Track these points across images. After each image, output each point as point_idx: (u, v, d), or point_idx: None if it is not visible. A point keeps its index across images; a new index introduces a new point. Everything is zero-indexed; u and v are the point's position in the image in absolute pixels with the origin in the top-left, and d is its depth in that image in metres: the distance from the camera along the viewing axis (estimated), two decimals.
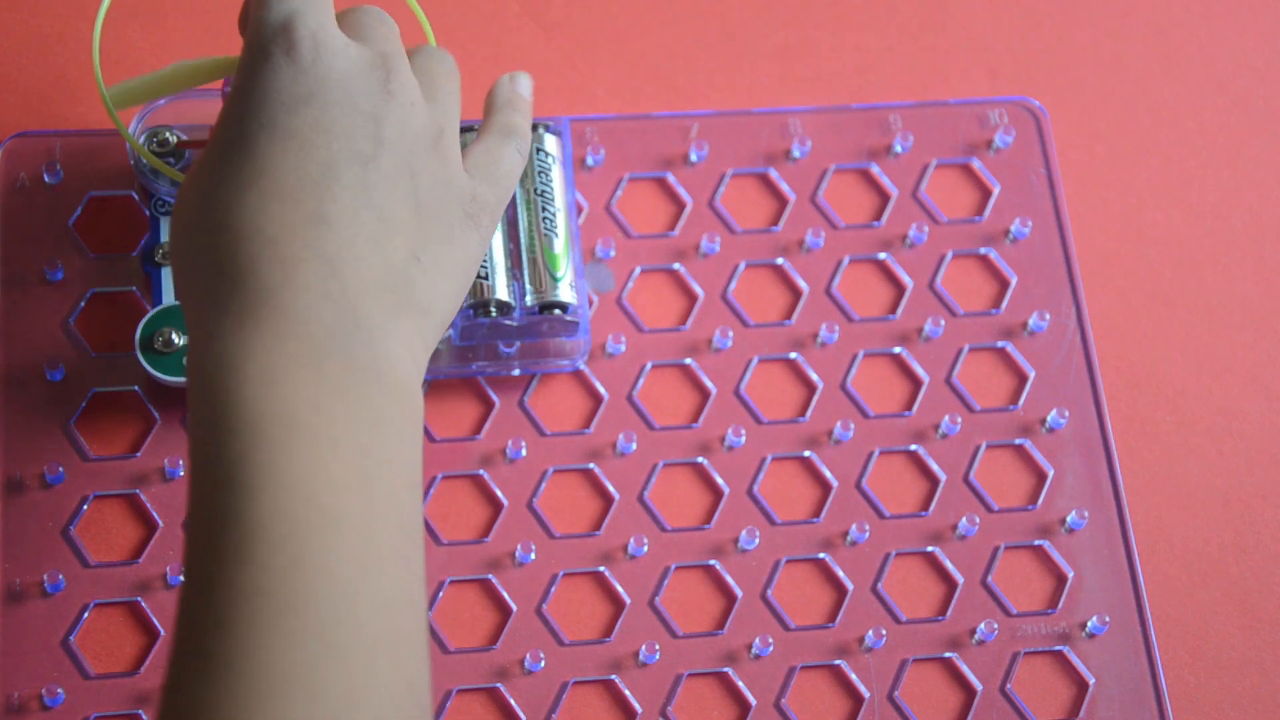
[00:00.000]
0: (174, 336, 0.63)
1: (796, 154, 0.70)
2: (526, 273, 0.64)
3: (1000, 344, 0.68)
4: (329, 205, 0.51)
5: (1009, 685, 0.63)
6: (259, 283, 0.49)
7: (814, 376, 0.67)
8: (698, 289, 0.68)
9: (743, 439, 0.66)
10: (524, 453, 0.65)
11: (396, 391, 0.50)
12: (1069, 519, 0.66)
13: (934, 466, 0.66)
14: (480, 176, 0.57)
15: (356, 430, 0.49)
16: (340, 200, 0.51)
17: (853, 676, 0.63)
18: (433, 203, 0.54)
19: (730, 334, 0.67)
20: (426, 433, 0.64)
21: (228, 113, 0.53)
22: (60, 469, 0.62)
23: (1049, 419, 0.67)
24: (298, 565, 0.45)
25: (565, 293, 0.64)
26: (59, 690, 0.60)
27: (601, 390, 0.66)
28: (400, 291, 0.52)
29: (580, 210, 0.68)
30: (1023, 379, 0.68)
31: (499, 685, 0.62)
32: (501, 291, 0.63)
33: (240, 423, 0.47)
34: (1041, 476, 0.67)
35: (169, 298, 0.64)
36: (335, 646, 0.45)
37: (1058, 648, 0.64)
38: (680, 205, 0.69)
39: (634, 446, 0.65)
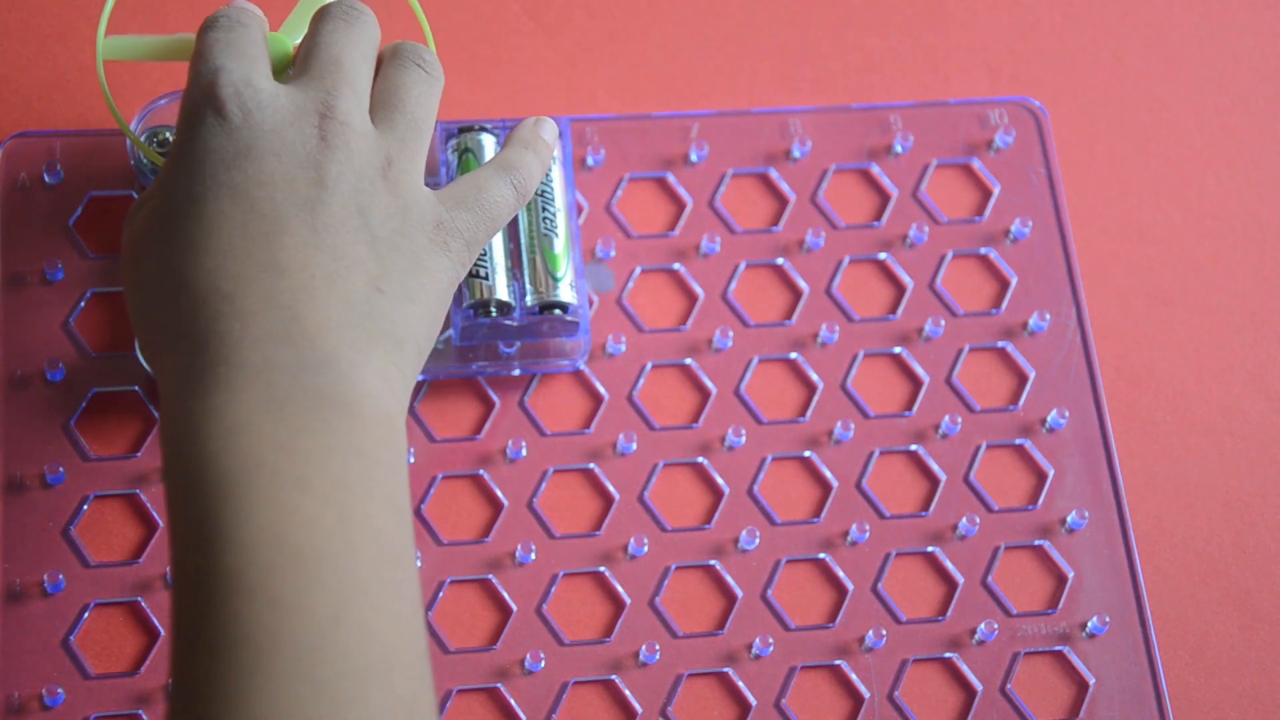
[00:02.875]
0: None
1: (796, 154, 0.70)
2: (527, 273, 0.64)
3: (1000, 344, 0.68)
4: (279, 254, 0.51)
5: (1009, 685, 0.63)
6: (219, 340, 0.50)
7: (814, 376, 0.67)
8: (698, 289, 0.68)
9: (743, 439, 0.66)
10: (524, 453, 0.65)
11: (372, 421, 0.50)
12: (1069, 519, 0.66)
13: (934, 466, 0.66)
14: (454, 204, 0.56)
15: (327, 464, 0.49)
16: (290, 248, 0.52)
17: (853, 676, 0.63)
18: (390, 234, 0.54)
19: (730, 334, 0.67)
20: (426, 433, 0.64)
21: (171, 171, 0.53)
22: (60, 469, 0.62)
23: (1049, 419, 0.67)
24: (273, 608, 0.46)
25: (565, 293, 0.64)
26: (59, 690, 0.60)
27: (601, 390, 0.66)
28: (366, 324, 0.52)
29: (580, 210, 0.68)
30: (1023, 379, 0.68)
31: (499, 685, 0.62)
32: (501, 291, 0.63)
33: (205, 480, 0.48)
34: (1041, 476, 0.67)
35: None
36: (320, 680, 0.45)
37: (1058, 648, 0.64)
38: (680, 205, 0.69)
39: (634, 446, 0.65)
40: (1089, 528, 0.66)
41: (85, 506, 0.62)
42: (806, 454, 0.66)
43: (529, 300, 0.64)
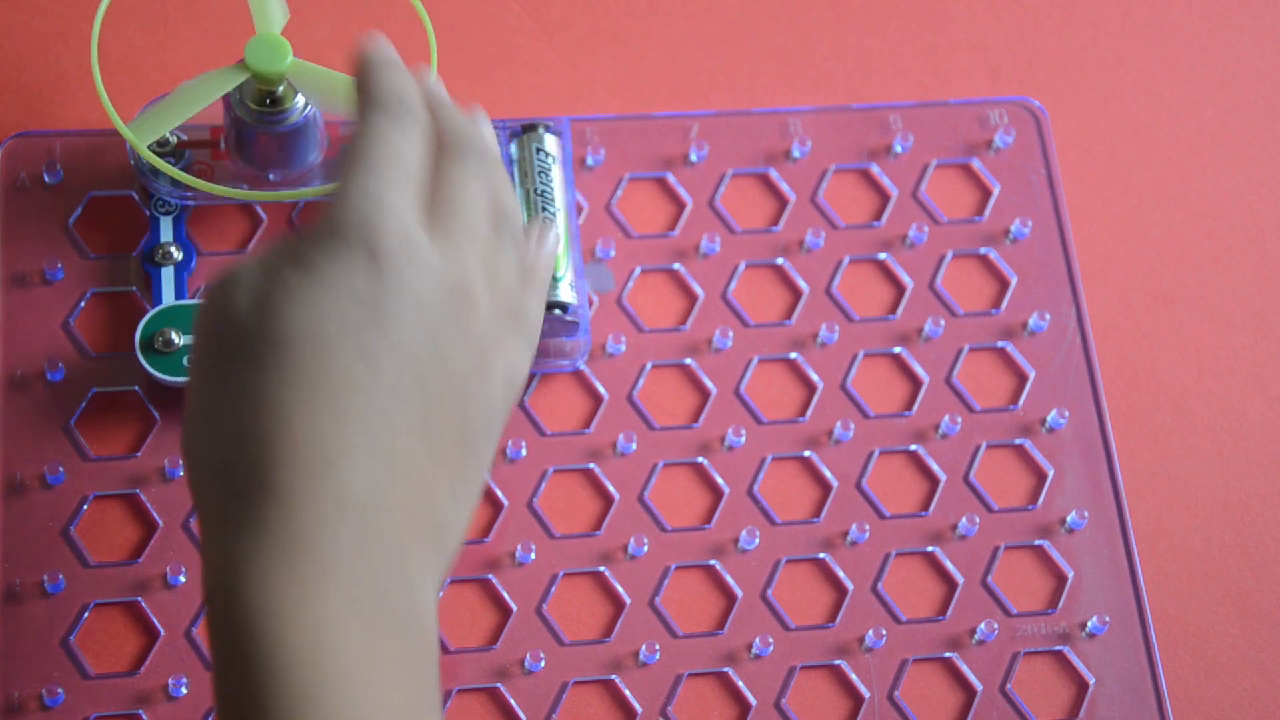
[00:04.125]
0: (174, 336, 0.63)
1: (796, 154, 0.70)
2: None
3: (1000, 344, 0.68)
4: (389, 439, 0.46)
5: (1009, 685, 0.63)
6: (301, 520, 0.45)
7: (814, 376, 0.67)
8: (698, 289, 0.68)
9: (743, 439, 0.66)
10: (524, 453, 0.65)
11: (431, 637, 0.47)
12: (1069, 519, 0.66)
13: (934, 466, 0.66)
14: (505, 383, 0.52)
15: (401, 682, 0.45)
16: (400, 433, 0.46)
17: (853, 676, 0.63)
18: (476, 432, 0.49)
19: (730, 334, 0.67)
20: None
21: (292, 286, 0.46)
22: (60, 469, 0.62)
23: (1049, 419, 0.67)
24: None
25: (565, 293, 0.64)
26: (59, 690, 0.60)
27: (601, 390, 0.66)
28: (437, 536, 0.48)
29: (580, 210, 0.68)
30: (1023, 379, 0.68)
31: (499, 685, 0.62)
32: None
33: (281, 685, 0.43)
34: (1041, 476, 0.67)
35: (169, 297, 0.64)
36: None
37: (1058, 648, 0.64)
38: (680, 205, 0.69)
39: (634, 446, 0.65)
40: (1089, 528, 0.66)
41: (85, 506, 0.62)
42: (806, 454, 0.66)
43: None
